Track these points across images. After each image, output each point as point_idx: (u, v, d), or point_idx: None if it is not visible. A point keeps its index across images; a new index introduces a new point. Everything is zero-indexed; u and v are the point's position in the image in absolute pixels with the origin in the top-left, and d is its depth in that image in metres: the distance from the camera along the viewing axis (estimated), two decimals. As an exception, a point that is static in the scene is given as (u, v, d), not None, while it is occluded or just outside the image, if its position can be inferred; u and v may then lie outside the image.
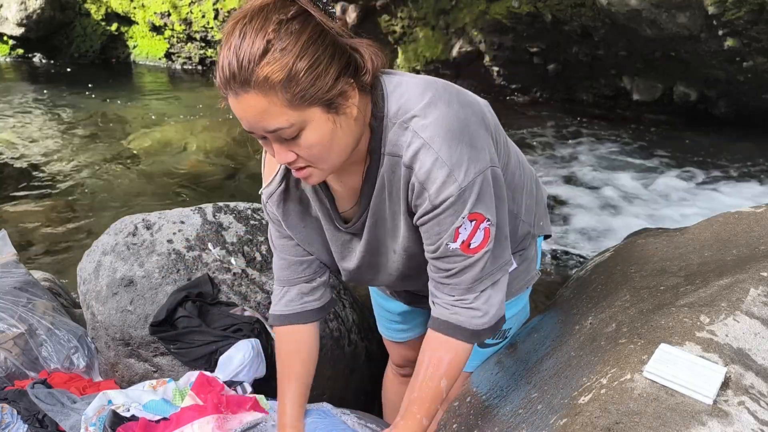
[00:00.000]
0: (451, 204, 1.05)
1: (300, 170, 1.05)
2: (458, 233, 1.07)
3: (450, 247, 1.09)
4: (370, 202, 1.15)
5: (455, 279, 1.13)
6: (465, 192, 1.04)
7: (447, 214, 1.06)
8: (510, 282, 1.38)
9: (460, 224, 1.06)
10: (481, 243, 1.09)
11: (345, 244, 1.25)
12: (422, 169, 1.04)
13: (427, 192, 1.05)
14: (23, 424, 1.60)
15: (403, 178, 1.08)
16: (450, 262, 1.11)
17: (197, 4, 7.15)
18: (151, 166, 4.78)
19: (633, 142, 5.13)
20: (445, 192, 1.04)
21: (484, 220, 1.08)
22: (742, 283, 1.22)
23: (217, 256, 1.93)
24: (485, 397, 1.38)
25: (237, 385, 1.65)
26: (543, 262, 3.39)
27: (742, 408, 0.99)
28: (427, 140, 1.03)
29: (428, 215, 1.07)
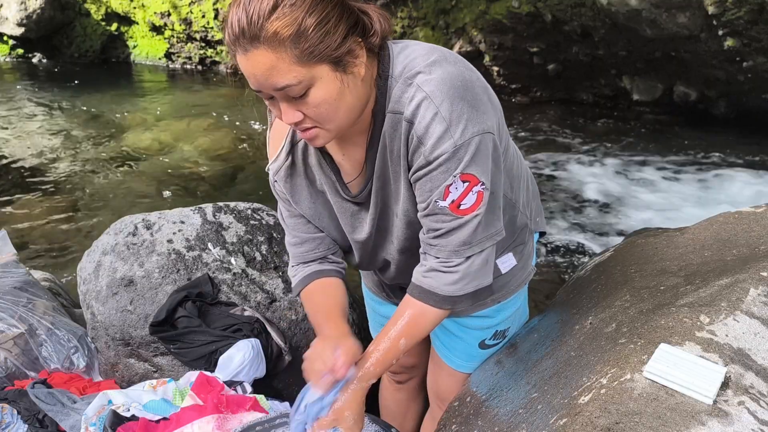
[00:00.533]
0: (444, 160, 1.03)
1: (306, 131, 1.04)
2: (448, 191, 1.05)
3: (439, 205, 1.07)
4: (374, 164, 1.13)
5: (442, 240, 1.11)
6: (460, 150, 1.03)
7: (440, 170, 1.04)
8: (509, 279, 1.38)
9: (451, 182, 1.05)
10: (472, 206, 1.07)
11: (354, 215, 1.23)
12: (421, 123, 1.03)
13: (423, 147, 1.04)
14: (23, 424, 1.60)
15: (403, 134, 1.07)
16: (438, 221, 1.09)
17: (197, 4, 7.15)
18: (151, 166, 4.78)
19: (633, 142, 5.14)
20: (440, 148, 1.03)
21: (478, 183, 1.06)
22: (742, 283, 1.22)
23: (217, 256, 1.93)
24: (485, 397, 1.38)
25: (237, 385, 1.65)
26: (543, 262, 3.39)
27: (742, 408, 0.99)
28: (429, 94, 1.02)
29: (422, 171, 1.06)
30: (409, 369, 1.72)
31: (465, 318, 1.43)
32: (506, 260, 1.37)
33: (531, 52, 5.64)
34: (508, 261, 1.37)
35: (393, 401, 1.83)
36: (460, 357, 1.50)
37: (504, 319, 1.45)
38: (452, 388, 1.55)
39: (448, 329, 1.48)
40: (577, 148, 5.08)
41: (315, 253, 1.32)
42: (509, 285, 1.40)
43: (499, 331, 1.47)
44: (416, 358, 1.68)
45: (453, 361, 1.51)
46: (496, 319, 1.44)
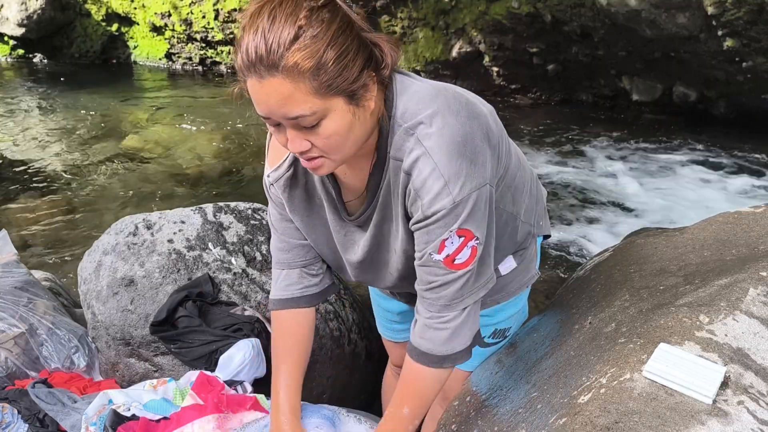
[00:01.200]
0: (442, 216, 1.04)
1: (311, 160, 1.04)
2: (444, 245, 1.06)
3: (433, 258, 1.08)
4: (374, 198, 1.14)
5: (435, 293, 1.12)
6: (458, 207, 1.03)
7: (437, 225, 1.05)
8: (509, 282, 1.38)
9: (447, 237, 1.05)
10: (466, 261, 1.08)
11: (348, 235, 1.24)
12: (419, 177, 1.04)
13: (420, 201, 1.05)
14: (24, 423, 1.60)
15: (401, 183, 1.08)
16: (432, 274, 1.10)
17: (198, 4, 7.16)
18: (151, 166, 4.78)
19: (632, 143, 5.14)
20: (438, 204, 1.03)
21: (473, 238, 1.07)
22: (742, 282, 1.22)
23: (217, 256, 1.93)
24: (485, 396, 1.38)
25: (237, 385, 1.65)
26: (543, 262, 3.39)
27: (742, 407, 0.99)
28: (428, 149, 1.02)
29: (420, 224, 1.07)
30: None
31: None
32: (506, 262, 1.37)
33: (531, 53, 5.64)
34: (508, 263, 1.37)
35: None
36: None
37: (504, 318, 1.45)
38: (451, 385, 1.55)
39: None
40: (576, 149, 5.08)
41: (302, 260, 1.32)
42: (509, 287, 1.40)
43: (498, 329, 1.46)
44: None
45: None
46: (495, 317, 1.44)
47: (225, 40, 7.34)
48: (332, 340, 1.96)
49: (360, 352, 2.04)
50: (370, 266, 1.27)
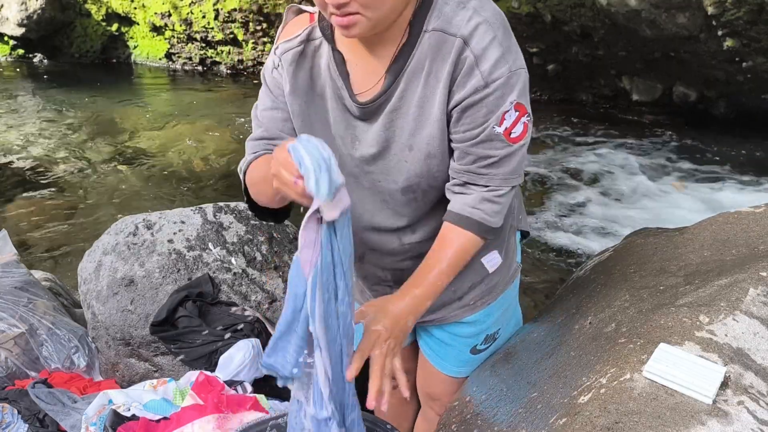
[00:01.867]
0: (501, 85, 1.06)
1: (347, 15, 0.99)
2: (504, 118, 1.08)
3: (495, 131, 1.09)
4: (396, 80, 1.10)
5: (495, 169, 1.13)
6: (513, 77, 1.07)
7: (495, 95, 1.06)
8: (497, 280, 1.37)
9: (507, 109, 1.08)
10: (521, 135, 1.11)
11: (350, 128, 1.17)
12: (480, 44, 1.05)
13: (478, 69, 1.05)
14: (24, 423, 1.60)
15: (453, 54, 1.05)
16: (491, 148, 1.11)
17: (198, 4, 7.15)
18: (151, 166, 4.78)
19: (632, 143, 5.14)
20: (499, 71, 1.05)
21: (526, 114, 1.11)
22: (742, 282, 1.22)
23: (217, 256, 1.93)
24: (485, 396, 1.38)
25: (237, 385, 1.65)
26: (543, 262, 3.39)
27: (742, 407, 0.99)
28: (488, 19, 1.05)
29: (477, 94, 1.07)
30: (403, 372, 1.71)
31: (454, 326, 1.42)
32: (492, 258, 1.35)
33: (531, 53, 5.64)
34: (494, 259, 1.35)
35: (391, 406, 1.82)
36: (453, 364, 1.49)
37: (493, 322, 1.44)
38: (446, 390, 1.54)
39: (438, 338, 1.46)
40: (576, 149, 5.08)
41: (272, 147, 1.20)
42: (497, 285, 1.39)
43: (489, 334, 1.45)
44: (408, 363, 1.66)
45: (447, 368, 1.50)
46: (485, 323, 1.42)
47: (225, 40, 7.34)
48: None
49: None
50: (364, 170, 1.19)
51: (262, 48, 7.27)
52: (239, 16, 7.02)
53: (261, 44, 7.24)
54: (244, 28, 7.11)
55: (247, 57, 7.38)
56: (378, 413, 1.86)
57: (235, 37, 7.23)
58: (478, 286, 1.37)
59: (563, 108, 5.93)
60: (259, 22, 7.01)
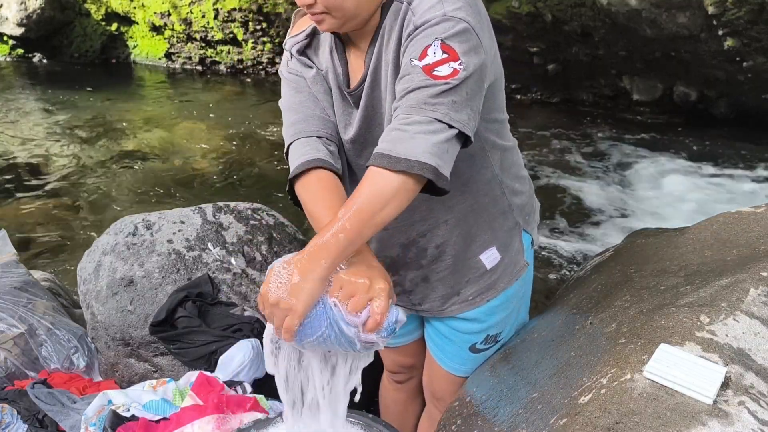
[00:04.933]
0: (430, 25, 1.04)
1: (315, 15, 1.10)
2: (426, 53, 1.03)
3: (413, 63, 1.04)
4: (370, 62, 1.16)
5: (408, 98, 1.04)
6: (448, 21, 1.03)
7: (423, 34, 1.05)
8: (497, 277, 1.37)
9: (430, 43, 1.03)
10: (446, 75, 1.02)
11: (347, 112, 1.24)
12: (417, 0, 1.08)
13: (413, 16, 1.07)
14: (23, 424, 1.60)
15: (401, 17, 1.09)
16: (408, 81, 1.05)
17: (197, 4, 7.15)
18: (151, 166, 4.78)
19: (633, 142, 5.14)
20: (429, 14, 1.05)
21: (457, 60, 1.02)
22: (742, 283, 1.22)
23: (217, 256, 1.93)
24: (485, 397, 1.38)
25: (237, 385, 1.65)
26: (543, 262, 3.39)
27: (742, 408, 0.99)
28: None
29: (408, 40, 1.07)
30: (407, 369, 1.72)
31: (455, 321, 1.43)
32: (490, 254, 1.35)
33: (531, 52, 5.64)
34: (491, 256, 1.35)
35: (393, 401, 1.83)
36: (453, 360, 1.49)
37: (495, 323, 1.44)
38: (447, 388, 1.55)
39: (440, 331, 1.47)
40: (576, 148, 5.08)
41: (320, 130, 1.22)
42: (498, 282, 1.39)
43: (490, 335, 1.45)
44: (414, 358, 1.68)
45: (446, 364, 1.51)
46: (486, 323, 1.43)
47: (225, 40, 7.34)
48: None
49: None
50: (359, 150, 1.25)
51: (261, 47, 7.27)
52: (239, 15, 7.02)
53: (260, 44, 7.24)
54: (243, 27, 7.11)
55: (247, 56, 7.38)
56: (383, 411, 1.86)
57: (234, 36, 7.23)
58: (476, 282, 1.38)
59: (563, 108, 5.93)
60: (259, 22, 7.01)
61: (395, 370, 1.73)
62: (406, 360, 1.68)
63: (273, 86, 7.04)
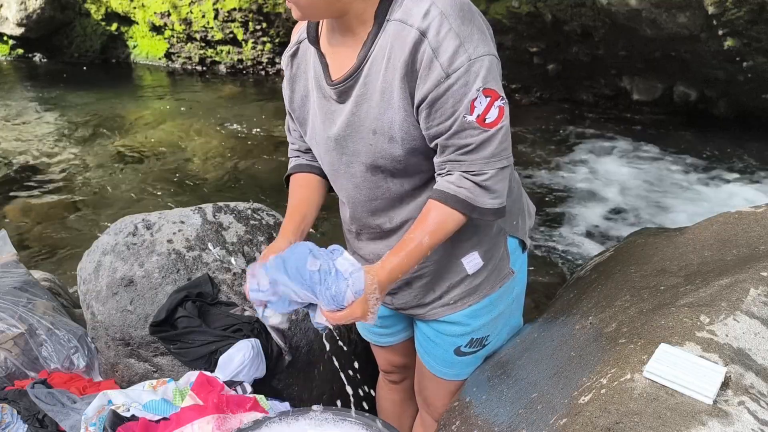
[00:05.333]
0: (462, 73, 1.08)
1: (288, 2, 1.14)
2: (474, 106, 1.10)
3: (467, 120, 1.11)
4: (361, 64, 1.17)
5: (473, 155, 1.14)
6: (475, 64, 1.08)
7: (459, 84, 1.09)
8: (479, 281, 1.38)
9: (474, 96, 1.09)
10: (496, 119, 1.12)
11: (329, 113, 1.27)
12: (436, 38, 1.08)
13: (437, 61, 1.08)
14: (23, 424, 1.60)
15: (411, 45, 1.10)
16: (467, 137, 1.13)
17: (197, 4, 7.15)
18: (151, 166, 4.78)
19: (633, 143, 5.14)
20: (457, 61, 1.08)
21: (499, 98, 1.11)
22: (742, 283, 1.22)
23: (217, 256, 1.93)
24: (486, 397, 1.38)
25: (237, 385, 1.65)
26: (543, 262, 3.39)
27: (742, 408, 0.99)
28: (444, 11, 1.08)
29: (441, 86, 1.09)
30: (400, 368, 1.72)
31: (439, 324, 1.43)
32: (471, 259, 1.36)
33: (531, 52, 5.64)
34: (474, 260, 1.36)
35: (389, 402, 1.83)
36: (438, 363, 1.49)
37: (479, 326, 1.42)
38: (436, 393, 1.54)
39: (426, 334, 1.47)
40: (576, 149, 5.08)
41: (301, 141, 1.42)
42: (481, 288, 1.38)
43: (475, 339, 1.44)
44: (406, 358, 1.68)
45: (433, 367, 1.50)
46: (469, 326, 1.42)
47: (225, 40, 7.34)
48: (332, 340, 1.96)
49: (360, 353, 2.03)
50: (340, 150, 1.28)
51: (261, 47, 7.27)
52: (239, 15, 7.01)
53: (260, 44, 7.24)
54: (243, 27, 7.11)
55: (247, 57, 7.37)
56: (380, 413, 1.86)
57: (234, 36, 7.23)
58: (457, 287, 1.38)
59: (563, 108, 5.93)
60: (259, 22, 7.01)
61: (389, 369, 1.74)
62: (399, 359, 1.68)
63: (273, 86, 7.04)
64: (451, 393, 1.52)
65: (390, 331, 1.61)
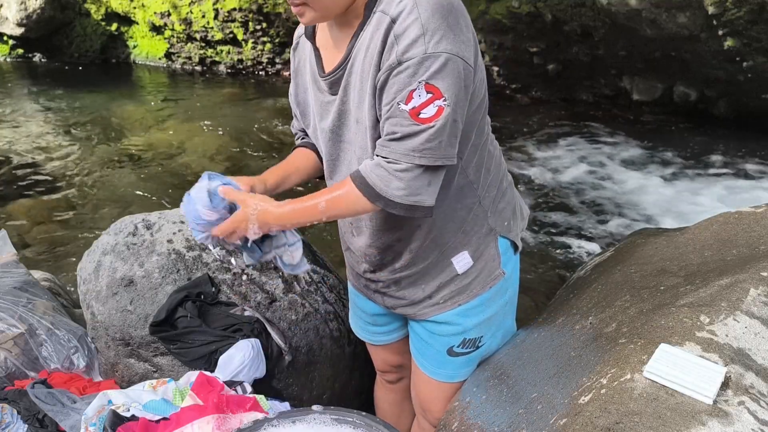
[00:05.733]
0: (413, 64, 1.08)
1: (296, 7, 1.15)
2: (411, 96, 1.10)
3: (400, 107, 1.11)
4: (348, 55, 1.20)
5: (396, 144, 1.14)
6: (429, 59, 1.07)
7: (406, 74, 1.09)
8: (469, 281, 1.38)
9: (415, 87, 1.09)
10: (431, 117, 1.11)
11: (323, 105, 1.30)
12: (402, 24, 1.09)
13: (397, 47, 1.09)
14: (23, 424, 1.60)
15: (383, 31, 1.12)
16: (396, 125, 1.13)
17: (197, 4, 7.15)
18: (151, 166, 4.78)
19: (633, 142, 5.14)
20: (412, 51, 1.08)
21: (441, 98, 1.10)
22: (742, 283, 1.22)
23: (217, 256, 1.93)
24: (485, 397, 1.38)
25: (237, 385, 1.65)
26: (543, 262, 3.39)
27: (742, 408, 0.99)
28: (417, 1, 1.09)
29: (391, 71, 1.11)
30: (396, 368, 1.72)
31: (430, 324, 1.43)
32: (462, 258, 1.36)
33: (531, 52, 5.64)
34: (464, 260, 1.36)
35: (387, 402, 1.84)
36: (432, 363, 1.49)
37: (471, 327, 1.42)
38: (431, 396, 1.54)
39: (418, 334, 1.47)
40: (576, 149, 5.08)
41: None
42: (471, 287, 1.38)
43: (468, 339, 1.43)
44: (401, 357, 1.68)
45: (426, 368, 1.50)
46: (461, 326, 1.41)
47: (225, 40, 7.34)
48: (332, 340, 1.96)
49: (360, 353, 2.03)
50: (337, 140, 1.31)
51: (261, 47, 7.27)
52: (239, 15, 7.01)
53: (260, 44, 7.24)
54: (243, 27, 7.11)
55: (247, 56, 7.37)
56: (378, 413, 1.86)
57: (234, 36, 7.23)
58: (447, 286, 1.38)
59: (563, 108, 5.93)
60: (259, 22, 7.01)
61: (386, 369, 1.74)
62: (395, 358, 1.69)
63: (273, 86, 7.04)
64: (447, 397, 1.51)
65: (385, 329, 1.62)
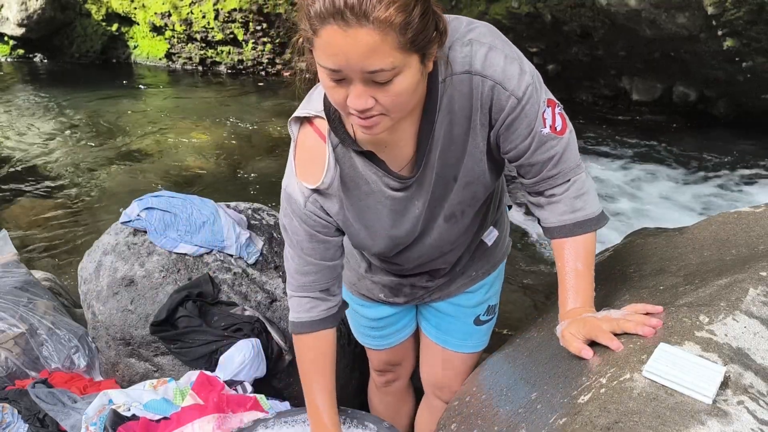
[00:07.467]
0: (532, 92, 1.09)
1: (369, 118, 0.99)
2: (545, 118, 1.11)
3: (543, 132, 1.12)
4: (428, 145, 1.12)
5: (561, 166, 1.16)
6: (535, 79, 1.10)
7: (531, 103, 1.09)
8: (494, 251, 1.47)
9: (543, 109, 1.11)
10: (563, 124, 1.14)
11: (404, 202, 1.20)
12: (497, 70, 1.07)
13: (507, 90, 1.08)
14: (24, 423, 1.60)
15: (474, 89, 1.08)
16: (549, 149, 1.14)
17: (198, 4, 7.15)
18: (151, 166, 4.79)
19: (632, 143, 5.14)
20: (524, 82, 1.08)
21: (556, 105, 1.14)
22: (741, 282, 1.22)
23: (217, 256, 1.93)
24: (485, 396, 1.38)
25: (237, 385, 1.65)
26: (543, 261, 3.39)
27: (742, 407, 0.99)
28: (491, 44, 1.07)
29: (515, 112, 1.09)
30: (394, 366, 1.72)
31: (458, 297, 1.50)
32: (490, 233, 1.45)
33: (531, 53, 5.64)
34: (491, 234, 1.45)
35: (382, 404, 1.83)
36: (458, 337, 1.54)
37: (493, 293, 1.53)
38: (451, 373, 1.58)
39: (443, 312, 1.52)
40: (576, 149, 5.08)
41: (324, 282, 1.29)
42: (495, 257, 1.48)
43: (491, 306, 1.54)
44: (403, 356, 1.68)
45: (452, 343, 1.55)
46: (488, 293, 1.51)
47: (225, 40, 7.34)
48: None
49: (360, 353, 2.04)
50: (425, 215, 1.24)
51: (262, 48, 7.27)
52: (239, 16, 7.02)
53: (261, 44, 7.24)
54: (244, 28, 7.11)
55: (247, 57, 7.38)
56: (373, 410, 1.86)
57: (235, 37, 7.23)
58: (479, 261, 1.46)
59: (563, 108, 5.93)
60: (259, 22, 7.01)
61: (383, 368, 1.73)
62: (396, 358, 1.69)
63: (273, 86, 7.04)
64: (468, 369, 1.57)
65: (386, 332, 1.62)
